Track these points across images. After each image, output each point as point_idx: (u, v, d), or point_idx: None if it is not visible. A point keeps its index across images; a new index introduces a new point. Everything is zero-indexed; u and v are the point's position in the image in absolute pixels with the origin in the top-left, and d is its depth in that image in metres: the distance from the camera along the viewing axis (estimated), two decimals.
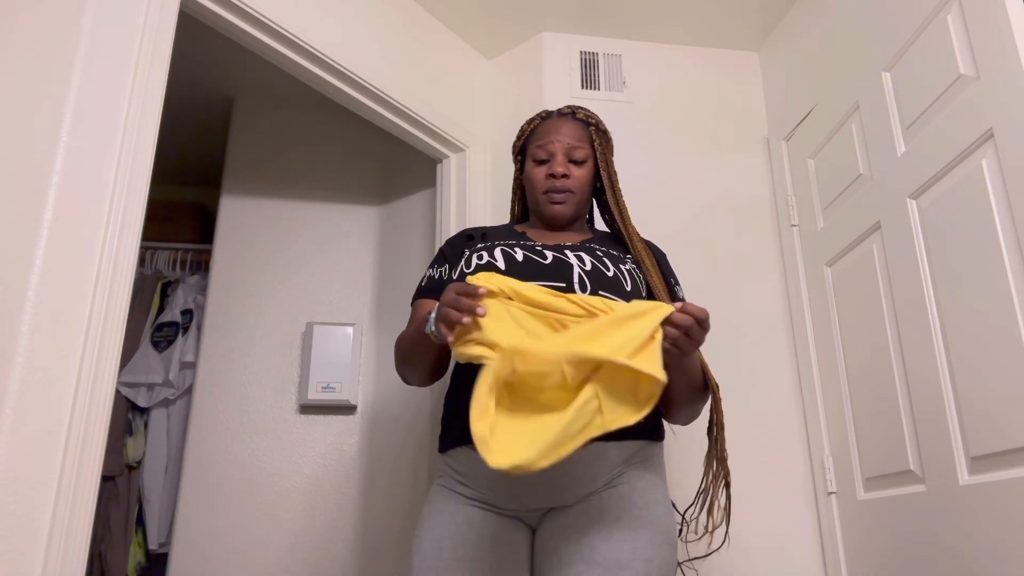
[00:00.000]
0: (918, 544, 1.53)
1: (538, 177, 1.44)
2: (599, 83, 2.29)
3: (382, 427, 2.30)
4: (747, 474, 1.80)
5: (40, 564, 1.08)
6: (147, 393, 2.59)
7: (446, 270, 1.42)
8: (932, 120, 1.54)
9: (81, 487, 1.16)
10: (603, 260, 1.33)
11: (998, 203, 1.35)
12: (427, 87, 2.16)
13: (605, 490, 1.21)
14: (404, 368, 1.40)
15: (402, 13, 2.15)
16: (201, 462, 2.21)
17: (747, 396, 1.97)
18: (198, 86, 2.59)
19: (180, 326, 2.66)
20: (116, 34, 1.35)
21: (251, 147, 2.60)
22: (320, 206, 2.55)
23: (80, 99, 1.28)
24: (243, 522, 2.16)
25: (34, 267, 1.17)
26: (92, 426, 1.19)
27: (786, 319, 2.10)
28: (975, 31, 1.43)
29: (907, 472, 1.58)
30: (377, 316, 2.43)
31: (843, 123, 1.89)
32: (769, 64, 2.35)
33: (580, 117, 1.48)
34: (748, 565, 1.82)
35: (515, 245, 1.37)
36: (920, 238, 1.57)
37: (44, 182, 1.21)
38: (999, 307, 1.33)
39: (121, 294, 1.28)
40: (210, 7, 1.58)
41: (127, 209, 1.30)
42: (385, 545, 2.17)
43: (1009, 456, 1.31)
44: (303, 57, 1.80)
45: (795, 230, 2.12)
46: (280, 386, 2.33)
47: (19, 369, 1.12)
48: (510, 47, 2.39)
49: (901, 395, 1.61)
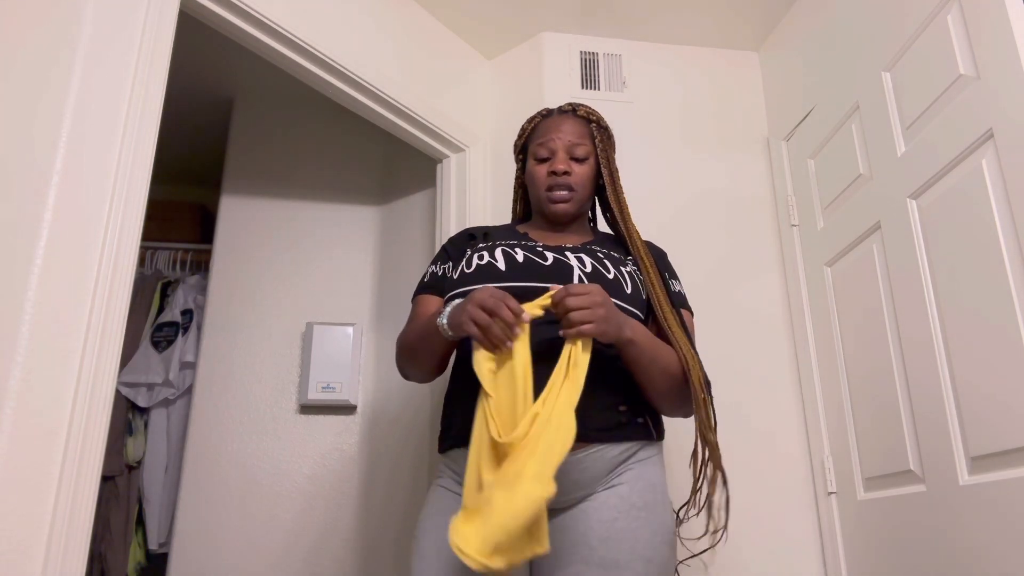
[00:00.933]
0: (918, 544, 1.53)
1: (540, 175, 1.44)
2: (599, 83, 2.29)
3: (382, 427, 2.30)
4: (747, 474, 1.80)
5: (40, 564, 1.08)
6: (147, 393, 2.59)
7: (449, 267, 1.42)
8: (932, 120, 1.54)
9: (81, 487, 1.15)
10: (604, 262, 1.33)
11: (998, 203, 1.35)
12: (427, 87, 2.16)
13: (604, 490, 1.21)
14: (406, 363, 1.39)
15: (402, 13, 2.16)
16: (201, 462, 2.21)
17: (747, 396, 1.98)
18: (198, 86, 2.59)
19: (180, 326, 2.66)
20: (116, 34, 1.35)
21: (251, 147, 2.60)
22: (320, 206, 2.55)
23: (80, 99, 1.27)
24: (243, 522, 2.16)
25: (34, 267, 1.17)
26: (92, 426, 1.19)
27: (786, 319, 2.10)
28: (975, 31, 1.43)
29: (907, 472, 1.58)
30: (377, 316, 2.43)
31: (843, 123, 1.89)
32: (769, 64, 2.35)
33: (581, 114, 1.48)
34: (748, 565, 1.82)
35: (516, 246, 1.37)
36: (920, 238, 1.57)
37: (44, 182, 1.21)
38: (999, 307, 1.33)
39: (121, 294, 1.28)
40: (210, 7, 1.58)
41: (127, 209, 1.30)
42: (385, 545, 2.17)
43: (1009, 456, 1.31)
44: (303, 57, 1.80)
45: (795, 230, 2.12)
46: (280, 386, 2.33)
47: (19, 369, 1.12)
48: (510, 47, 2.39)
49: (901, 395, 1.61)
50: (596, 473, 1.20)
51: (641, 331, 1.22)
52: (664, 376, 1.23)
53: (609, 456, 1.21)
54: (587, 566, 1.13)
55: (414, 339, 1.35)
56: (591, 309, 1.11)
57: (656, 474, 1.26)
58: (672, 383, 1.24)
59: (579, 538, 1.16)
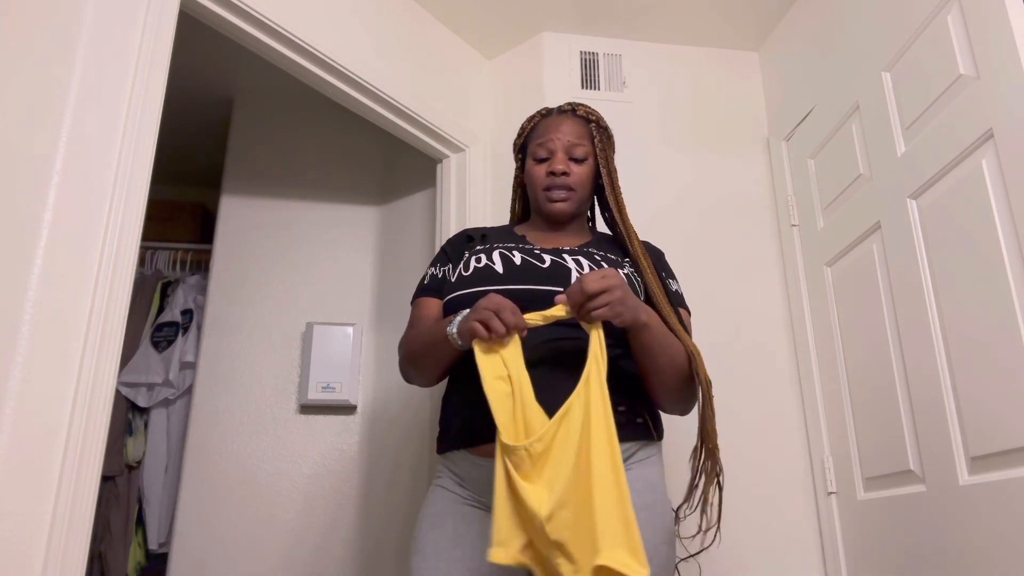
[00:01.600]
0: (918, 544, 1.53)
1: (539, 175, 1.43)
2: (599, 83, 2.29)
3: (382, 427, 2.30)
4: (747, 474, 1.80)
5: (40, 564, 1.08)
6: (147, 393, 2.59)
7: (450, 269, 1.41)
8: (932, 120, 1.54)
9: (81, 487, 1.15)
10: (601, 264, 1.33)
11: (998, 203, 1.35)
12: (427, 87, 2.16)
13: None
14: (412, 368, 1.38)
15: (402, 13, 2.16)
16: (201, 462, 2.21)
17: (747, 396, 1.98)
18: (198, 86, 2.59)
19: (180, 326, 2.66)
20: (116, 34, 1.35)
21: (251, 147, 2.60)
22: (320, 206, 2.55)
23: (80, 99, 1.27)
24: (243, 522, 2.16)
25: (34, 267, 1.17)
26: (92, 426, 1.19)
27: (786, 319, 2.10)
28: (975, 31, 1.43)
29: (907, 472, 1.58)
30: (377, 316, 2.43)
31: (843, 123, 1.89)
32: (769, 64, 2.35)
33: (581, 114, 1.48)
34: (748, 565, 1.82)
35: (513, 248, 1.36)
36: (920, 238, 1.57)
37: (44, 182, 1.21)
38: (999, 307, 1.33)
39: (121, 294, 1.28)
40: (210, 7, 1.58)
41: (127, 209, 1.30)
42: (384, 545, 2.17)
43: (1009, 456, 1.31)
44: (303, 57, 1.80)
45: (795, 230, 2.12)
46: (280, 386, 2.33)
47: (19, 369, 1.12)
48: (510, 47, 2.39)
49: (901, 395, 1.61)
50: None
51: (655, 316, 1.23)
52: (672, 366, 1.23)
53: None
54: None
55: (420, 348, 1.33)
56: (609, 292, 1.11)
57: (655, 474, 1.26)
58: (679, 374, 1.24)
59: None
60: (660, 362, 1.22)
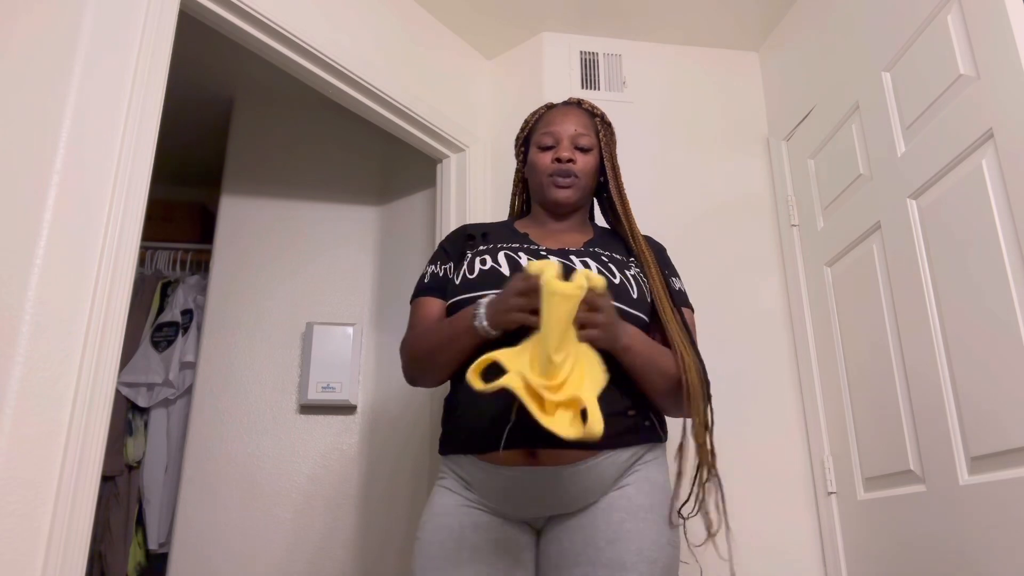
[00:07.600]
0: (918, 544, 1.53)
1: (543, 161, 1.43)
2: (599, 83, 2.29)
3: (382, 427, 2.31)
4: (747, 474, 1.80)
5: (40, 564, 1.08)
6: (147, 393, 2.59)
7: (450, 267, 1.39)
8: (932, 120, 1.54)
9: (81, 487, 1.16)
10: (608, 266, 1.33)
11: (998, 203, 1.35)
12: (427, 87, 2.16)
13: (612, 491, 1.21)
14: (420, 369, 1.34)
15: (402, 13, 2.16)
16: (201, 462, 2.21)
17: (747, 396, 1.97)
18: (198, 86, 2.59)
19: (180, 326, 2.66)
20: (116, 34, 1.35)
21: (251, 147, 2.60)
22: (320, 206, 2.55)
23: (80, 99, 1.27)
24: (243, 522, 2.16)
25: (34, 267, 1.17)
26: (92, 426, 1.19)
27: (786, 319, 2.10)
28: (975, 31, 1.43)
29: (907, 472, 1.58)
30: (377, 316, 2.43)
31: (843, 123, 1.89)
32: (769, 64, 2.35)
33: (585, 107, 1.49)
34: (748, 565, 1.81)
35: (519, 249, 1.36)
36: (920, 238, 1.57)
37: (44, 182, 1.21)
38: (999, 307, 1.33)
39: (121, 294, 1.28)
40: (210, 7, 1.58)
41: (127, 209, 1.30)
42: (385, 545, 2.17)
43: (1009, 456, 1.31)
44: (303, 57, 1.80)
45: (795, 230, 2.12)
46: (280, 386, 2.33)
47: (19, 369, 1.12)
48: (510, 47, 2.39)
49: (901, 395, 1.61)
50: (607, 478, 1.21)
51: (638, 338, 1.23)
52: (663, 379, 1.24)
53: (620, 461, 1.21)
54: (594, 567, 1.14)
55: (435, 345, 1.28)
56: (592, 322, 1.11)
57: (660, 475, 1.26)
58: (670, 385, 1.24)
59: (588, 539, 1.17)
60: (650, 378, 1.23)
